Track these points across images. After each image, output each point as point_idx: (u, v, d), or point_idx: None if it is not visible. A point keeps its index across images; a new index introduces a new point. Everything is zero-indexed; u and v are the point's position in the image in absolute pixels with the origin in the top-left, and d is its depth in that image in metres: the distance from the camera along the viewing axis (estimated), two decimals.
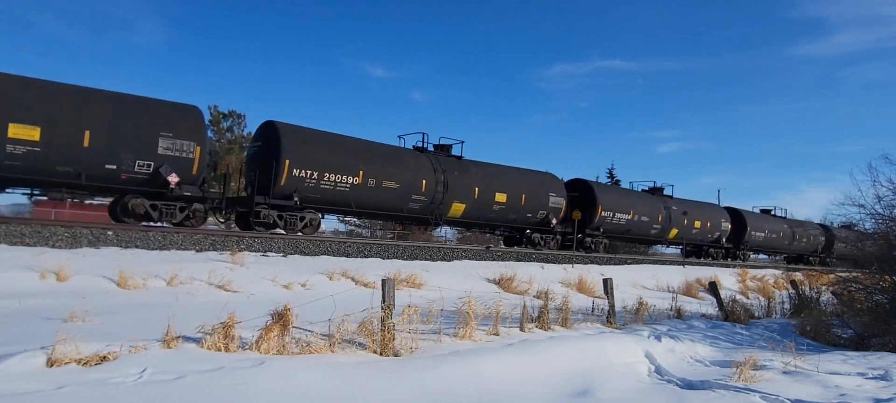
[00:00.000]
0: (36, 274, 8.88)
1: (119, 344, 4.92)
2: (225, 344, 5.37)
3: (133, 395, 4.11)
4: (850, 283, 11.85)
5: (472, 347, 6.56)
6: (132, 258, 10.70)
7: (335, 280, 11.65)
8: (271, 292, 9.89)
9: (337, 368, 5.25)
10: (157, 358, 4.81)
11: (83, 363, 4.58)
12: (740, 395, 5.63)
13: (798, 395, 5.73)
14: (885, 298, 10.45)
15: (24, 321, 6.44)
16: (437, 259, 16.14)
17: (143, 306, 7.90)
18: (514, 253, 19.14)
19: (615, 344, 7.27)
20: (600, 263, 20.94)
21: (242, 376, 4.69)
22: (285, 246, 14.00)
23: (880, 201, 10.90)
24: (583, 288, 15.22)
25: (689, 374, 6.66)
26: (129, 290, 9.01)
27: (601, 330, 8.85)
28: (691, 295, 17.54)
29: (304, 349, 5.70)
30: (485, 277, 14.59)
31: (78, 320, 6.44)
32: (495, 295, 10.59)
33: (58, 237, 11.12)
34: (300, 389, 4.64)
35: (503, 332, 7.72)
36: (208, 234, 13.60)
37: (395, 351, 6.08)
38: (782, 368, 6.94)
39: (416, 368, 5.50)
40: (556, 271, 17.25)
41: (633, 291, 15.94)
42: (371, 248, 15.56)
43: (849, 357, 8.07)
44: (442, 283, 11.29)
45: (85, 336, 5.03)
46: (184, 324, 5.55)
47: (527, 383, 5.63)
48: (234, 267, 11.23)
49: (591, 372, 6.14)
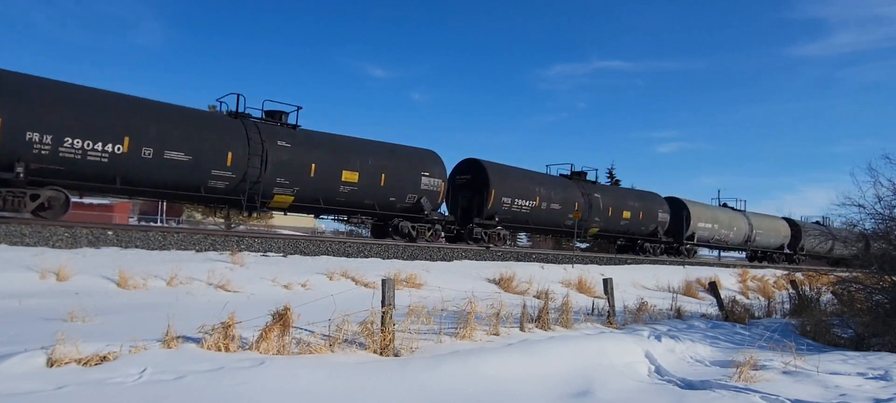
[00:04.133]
0: (36, 274, 8.88)
1: (119, 344, 4.92)
2: (225, 344, 5.37)
3: (133, 395, 4.11)
4: (850, 283, 11.84)
5: (473, 347, 6.56)
6: (132, 258, 10.70)
7: (335, 280, 11.65)
8: (271, 292, 9.89)
9: (337, 368, 5.25)
10: (157, 358, 4.81)
11: (83, 363, 4.58)
12: (740, 395, 5.62)
13: (798, 395, 5.73)
14: (885, 298, 10.44)
15: (24, 321, 6.44)
16: (437, 259, 16.14)
17: (143, 306, 7.89)
18: (514, 253, 19.14)
19: (615, 344, 7.27)
20: (600, 263, 20.93)
21: (242, 376, 4.68)
22: (285, 246, 14.01)
23: (880, 201, 10.90)
24: (583, 288, 15.22)
25: (689, 374, 6.65)
26: (129, 290, 9.01)
27: (601, 330, 8.85)
28: (691, 294, 17.55)
29: (305, 349, 5.70)
30: (485, 277, 14.59)
31: (78, 320, 6.44)
32: (495, 295, 10.58)
33: (58, 237, 11.12)
34: (300, 389, 4.64)
35: (503, 332, 7.72)
36: (208, 234, 13.61)
37: (395, 351, 6.07)
38: (782, 368, 6.93)
39: (416, 368, 5.50)
40: (556, 271, 17.26)
41: (633, 291, 15.94)
42: (371, 248, 15.56)
43: (849, 357, 8.06)
44: (442, 283, 11.28)
45: (85, 336, 5.03)
46: (184, 324, 5.55)
47: (527, 383, 5.63)
48: (234, 267, 11.23)
49: (591, 372, 6.13)
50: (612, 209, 25.31)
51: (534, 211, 21.99)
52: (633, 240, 27.54)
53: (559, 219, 23.37)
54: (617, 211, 25.55)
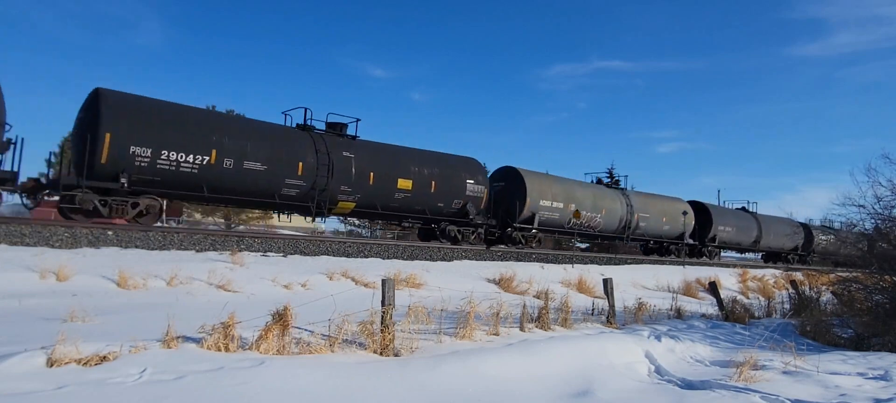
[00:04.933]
0: (36, 274, 8.88)
1: (119, 344, 4.92)
2: (225, 344, 5.37)
3: (133, 395, 4.10)
4: (850, 283, 11.83)
5: (472, 347, 6.56)
6: (132, 258, 10.69)
7: (335, 280, 11.65)
8: (271, 292, 9.89)
9: (337, 368, 5.25)
10: (157, 358, 4.81)
11: (83, 363, 4.58)
12: (740, 395, 5.62)
13: (798, 395, 5.72)
14: (885, 298, 10.44)
15: (24, 321, 6.44)
16: (437, 259, 16.14)
17: (143, 306, 7.89)
18: (514, 253, 19.14)
19: (615, 344, 7.27)
20: (600, 263, 20.93)
21: (242, 376, 4.68)
22: (285, 246, 14.01)
23: (880, 201, 10.89)
24: (583, 288, 15.22)
25: (689, 374, 6.65)
26: (130, 290, 9.01)
27: (601, 329, 8.85)
28: (691, 294, 17.54)
29: (304, 349, 5.70)
30: (485, 277, 14.59)
31: (78, 320, 6.43)
32: (495, 295, 10.58)
33: (58, 237, 11.12)
34: (300, 389, 4.64)
35: (503, 332, 7.72)
36: (208, 234, 13.62)
37: (395, 351, 6.07)
38: (782, 368, 6.93)
39: (416, 368, 5.49)
40: (556, 271, 17.25)
41: (633, 291, 15.93)
42: (371, 248, 15.56)
43: (849, 357, 8.06)
44: (442, 283, 11.29)
45: (85, 336, 5.03)
46: (184, 324, 5.55)
47: (527, 383, 5.63)
48: (234, 267, 11.23)
49: (591, 372, 6.13)
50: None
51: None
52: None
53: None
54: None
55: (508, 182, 21.62)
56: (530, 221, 21.53)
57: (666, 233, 28.31)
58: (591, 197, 24.26)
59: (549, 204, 22.00)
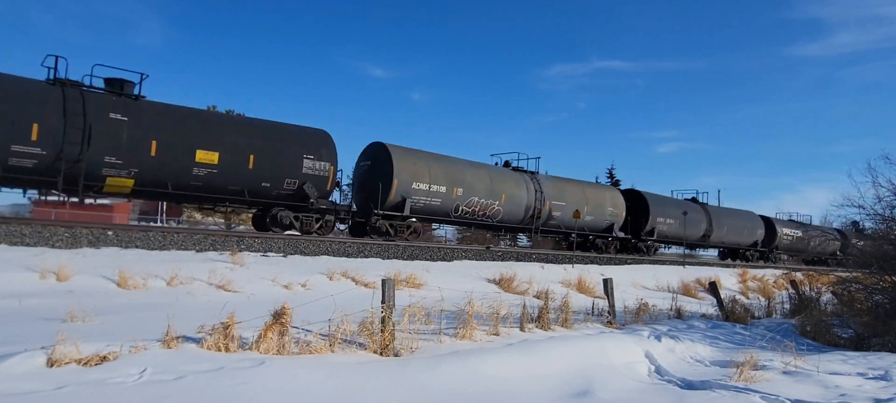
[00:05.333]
0: (36, 274, 8.88)
1: (119, 344, 4.92)
2: (225, 344, 5.37)
3: (133, 395, 4.10)
4: (850, 283, 11.84)
5: (472, 347, 6.56)
6: (132, 258, 10.70)
7: (335, 280, 11.65)
8: (271, 292, 9.89)
9: (337, 368, 5.24)
10: (157, 358, 4.81)
11: (83, 363, 4.58)
12: (740, 395, 5.62)
13: (798, 395, 5.72)
14: (885, 298, 10.44)
15: (24, 321, 6.44)
16: (437, 259, 16.14)
17: (143, 306, 7.90)
18: (514, 253, 19.13)
19: (615, 344, 7.27)
20: (600, 263, 20.94)
21: (242, 376, 4.68)
22: (285, 247, 14.01)
23: (880, 201, 10.89)
24: (583, 288, 15.22)
25: (689, 374, 6.65)
26: (130, 290, 9.01)
27: (601, 330, 8.85)
28: (691, 295, 17.55)
29: (304, 349, 5.70)
30: (485, 277, 14.59)
31: (78, 320, 6.44)
32: (495, 295, 10.58)
33: (58, 237, 11.12)
34: (300, 389, 4.64)
35: (503, 332, 7.72)
36: (208, 234, 13.62)
37: (395, 351, 6.07)
38: (782, 368, 6.93)
39: (416, 368, 5.49)
40: (556, 271, 17.25)
41: (633, 291, 15.94)
42: (371, 248, 15.55)
43: (849, 357, 8.06)
44: (442, 283, 11.29)
45: (85, 336, 5.03)
46: (184, 324, 5.55)
47: (527, 383, 5.63)
48: (234, 267, 11.23)
49: (591, 372, 6.13)
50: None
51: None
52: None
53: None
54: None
55: (374, 161, 18.46)
56: (400, 208, 18.20)
57: (589, 225, 24.40)
58: (486, 180, 20.36)
59: (427, 187, 18.47)
